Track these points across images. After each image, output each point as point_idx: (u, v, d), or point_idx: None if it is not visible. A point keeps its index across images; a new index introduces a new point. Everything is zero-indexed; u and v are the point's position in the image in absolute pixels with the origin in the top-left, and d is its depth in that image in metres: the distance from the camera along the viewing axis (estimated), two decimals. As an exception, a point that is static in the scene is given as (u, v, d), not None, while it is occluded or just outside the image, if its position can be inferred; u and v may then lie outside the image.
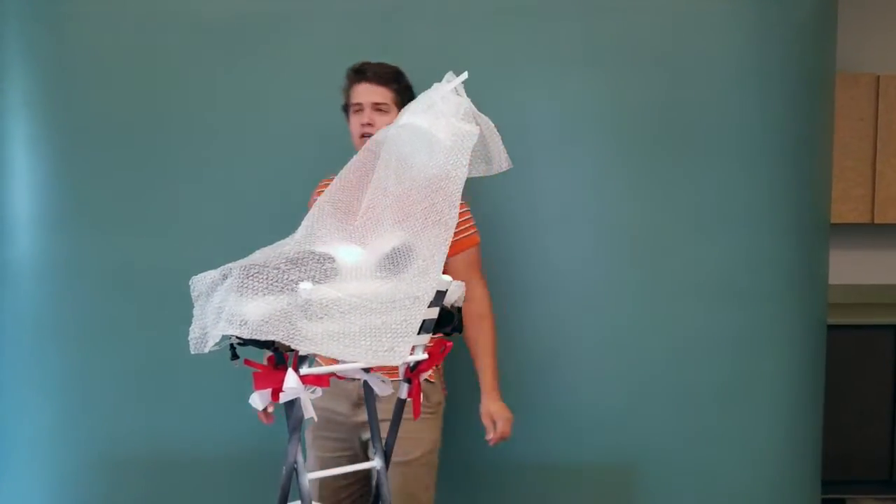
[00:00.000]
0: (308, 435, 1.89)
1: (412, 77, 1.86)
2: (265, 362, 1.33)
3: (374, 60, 1.90)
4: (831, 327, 2.55)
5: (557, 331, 2.22)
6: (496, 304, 2.19)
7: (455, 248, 1.81)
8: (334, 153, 1.80)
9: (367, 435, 1.86)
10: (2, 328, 2.28)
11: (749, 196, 2.22)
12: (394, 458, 1.75)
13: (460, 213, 1.81)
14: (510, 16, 2.18)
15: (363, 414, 1.81)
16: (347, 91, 1.91)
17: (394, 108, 1.88)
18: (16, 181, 2.23)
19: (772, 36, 2.22)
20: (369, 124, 1.86)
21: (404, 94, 1.89)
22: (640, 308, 2.22)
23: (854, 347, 3.42)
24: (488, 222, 2.18)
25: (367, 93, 1.87)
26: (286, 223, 1.60)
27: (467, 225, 1.91)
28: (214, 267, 1.31)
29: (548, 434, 2.23)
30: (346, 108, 1.93)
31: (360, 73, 1.88)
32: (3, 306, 2.27)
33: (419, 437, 1.86)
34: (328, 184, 1.75)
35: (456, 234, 1.81)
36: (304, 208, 1.53)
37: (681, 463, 2.25)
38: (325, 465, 1.82)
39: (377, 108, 1.87)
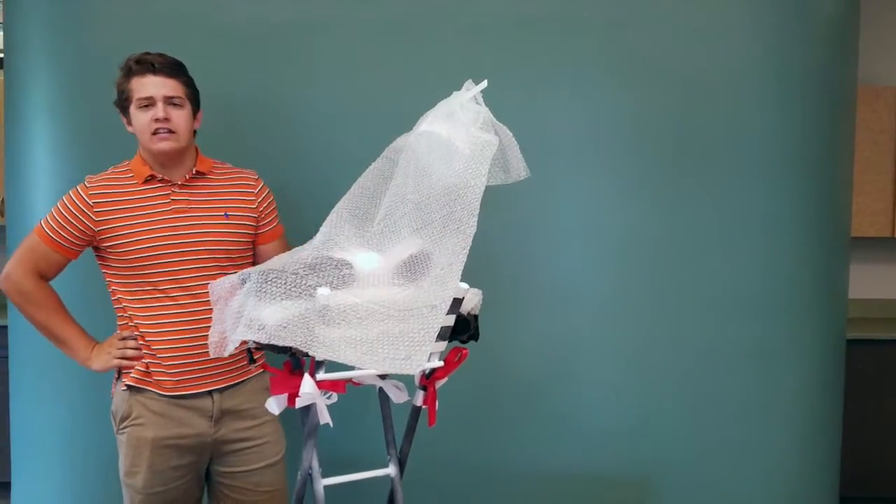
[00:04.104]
0: (134, 479, 1.77)
1: (433, 86, 1.86)
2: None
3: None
4: (851, 342, 2.53)
5: (573, 342, 2.21)
6: (511, 313, 2.19)
7: (270, 236, 1.89)
8: (354, 159, 1.81)
9: (226, 448, 1.81)
10: (20, 330, 2.30)
11: (768, 209, 2.20)
12: (267, 461, 1.83)
13: (270, 205, 1.89)
14: (530, 27, 2.18)
15: (222, 428, 1.79)
16: (126, 84, 1.72)
17: (187, 103, 1.75)
18: (38, 184, 2.26)
19: (792, 49, 2.21)
20: (166, 119, 1.70)
21: (192, 88, 1.78)
22: (657, 320, 2.20)
23: (874, 363, 3.37)
24: (506, 231, 2.18)
25: (159, 86, 1.70)
26: (307, 230, 1.62)
27: (275, 215, 1.92)
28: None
29: (561, 445, 2.22)
30: (123, 102, 1.75)
31: (145, 65, 1.70)
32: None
33: (280, 437, 1.89)
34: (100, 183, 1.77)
35: (268, 223, 1.88)
36: (322, 218, 1.53)
37: (695, 477, 2.23)
38: (169, 498, 1.78)
39: (170, 101, 1.71)
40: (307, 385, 1.28)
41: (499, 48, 2.18)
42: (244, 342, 1.29)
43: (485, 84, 1.45)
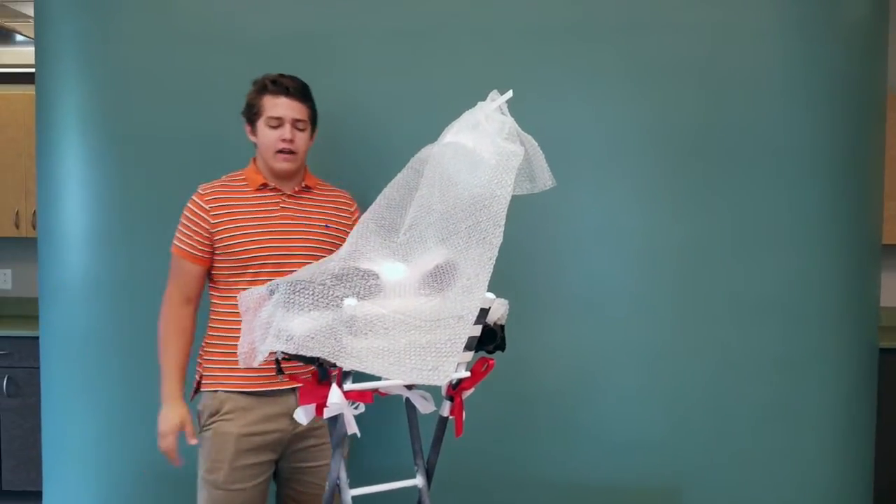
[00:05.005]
0: (216, 475, 1.84)
1: (456, 95, 1.87)
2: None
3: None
4: (883, 351, 2.49)
5: (600, 351, 2.20)
6: (537, 322, 2.18)
7: None
8: (377, 168, 1.82)
9: (298, 445, 1.89)
10: (53, 341, 2.34)
11: (797, 215, 2.18)
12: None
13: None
14: (552, 33, 2.18)
15: (300, 425, 1.81)
16: (259, 100, 1.86)
17: (309, 126, 1.90)
18: (69, 197, 2.30)
19: (819, 53, 2.19)
20: (291, 141, 1.84)
21: (315, 110, 1.92)
22: (683, 328, 2.18)
23: (906, 372, 3.30)
24: (530, 240, 2.18)
25: (289, 108, 1.84)
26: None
27: None
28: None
29: (589, 455, 2.20)
30: (252, 116, 1.88)
31: (281, 87, 1.85)
32: (55, 320, 2.33)
33: None
34: (210, 191, 1.88)
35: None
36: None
37: (723, 487, 2.20)
38: (245, 498, 1.84)
39: (296, 124, 1.85)
40: (335, 395, 1.29)
41: (519, 56, 2.18)
42: (273, 352, 1.30)
43: (510, 94, 1.45)
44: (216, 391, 1.87)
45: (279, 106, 1.84)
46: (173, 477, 2.09)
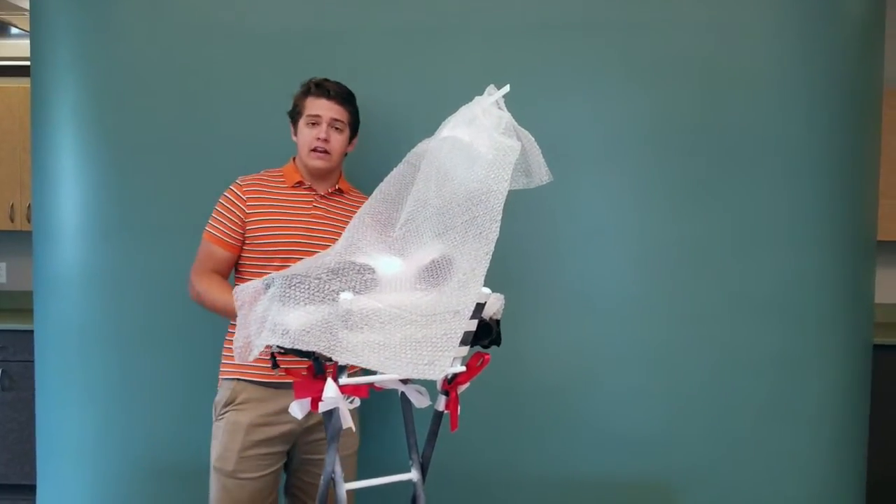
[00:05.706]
0: (225, 463, 1.87)
1: (455, 90, 1.86)
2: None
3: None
4: (877, 347, 2.50)
5: (596, 346, 2.20)
6: (533, 317, 2.18)
7: None
8: (375, 164, 1.81)
9: (309, 437, 1.93)
10: (48, 334, 2.33)
11: (793, 212, 2.18)
12: (346, 451, 1.92)
13: None
14: (552, 31, 2.18)
15: (312, 417, 1.88)
16: (302, 101, 1.95)
17: (347, 129, 1.96)
18: (64, 191, 2.29)
19: (816, 50, 2.19)
20: (325, 140, 1.91)
21: (356, 116, 1.98)
22: (680, 325, 2.19)
23: (900, 368, 3.32)
24: (527, 236, 2.18)
25: (328, 109, 1.92)
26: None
27: None
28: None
29: (584, 451, 2.21)
30: (295, 115, 1.97)
31: (323, 89, 1.93)
32: (50, 313, 2.33)
33: (357, 431, 1.96)
34: (249, 183, 1.94)
35: None
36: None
37: (719, 483, 2.21)
38: (255, 487, 1.87)
39: (333, 124, 1.92)
40: (330, 390, 1.28)
41: (519, 53, 2.18)
42: (268, 347, 1.29)
43: (507, 89, 1.45)
44: (234, 379, 1.90)
45: (319, 106, 1.92)
46: (168, 471, 2.09)
